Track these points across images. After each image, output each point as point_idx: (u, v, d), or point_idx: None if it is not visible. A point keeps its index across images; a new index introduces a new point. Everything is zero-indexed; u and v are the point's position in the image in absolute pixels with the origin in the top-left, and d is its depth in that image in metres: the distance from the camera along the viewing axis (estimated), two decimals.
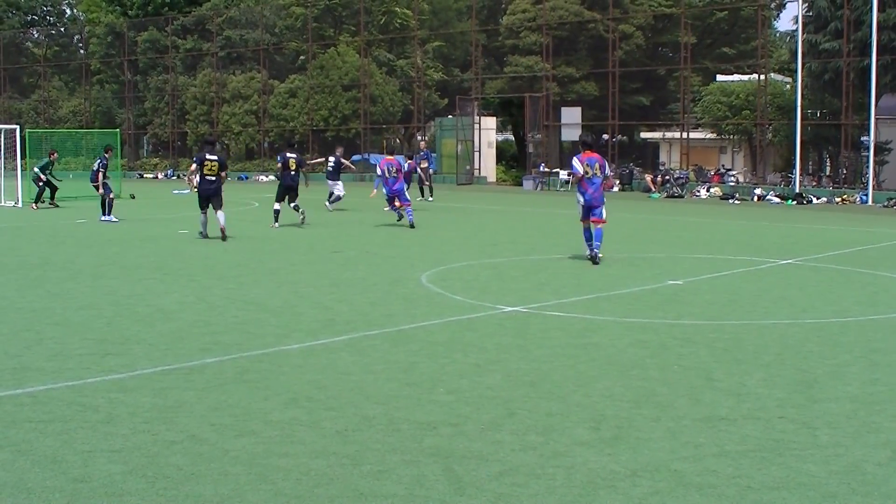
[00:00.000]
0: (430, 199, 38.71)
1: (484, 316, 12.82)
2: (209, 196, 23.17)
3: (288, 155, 27.73)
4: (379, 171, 27.14)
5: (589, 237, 18.79)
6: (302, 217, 26.56)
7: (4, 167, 40.06)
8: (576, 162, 18.70)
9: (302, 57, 68.31)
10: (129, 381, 9.20)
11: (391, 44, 66.75)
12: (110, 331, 11.69)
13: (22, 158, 40.13)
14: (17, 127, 41.64)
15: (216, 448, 7.16)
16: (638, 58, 58.91)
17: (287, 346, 10.72)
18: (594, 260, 18.45)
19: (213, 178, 23.20)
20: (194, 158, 24.46)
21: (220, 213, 22.89)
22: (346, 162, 36.02)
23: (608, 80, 53.39)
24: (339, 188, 33.89)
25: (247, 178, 64.31)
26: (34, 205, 33.50)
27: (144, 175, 68.95)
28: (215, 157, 23.31)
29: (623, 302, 14.13)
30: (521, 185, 52.87)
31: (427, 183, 39.59)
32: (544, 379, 9.33)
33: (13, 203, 35.89)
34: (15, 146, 40.33)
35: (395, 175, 26.56)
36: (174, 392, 8.74)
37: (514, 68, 58.66)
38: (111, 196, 29.32)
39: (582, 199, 18.55)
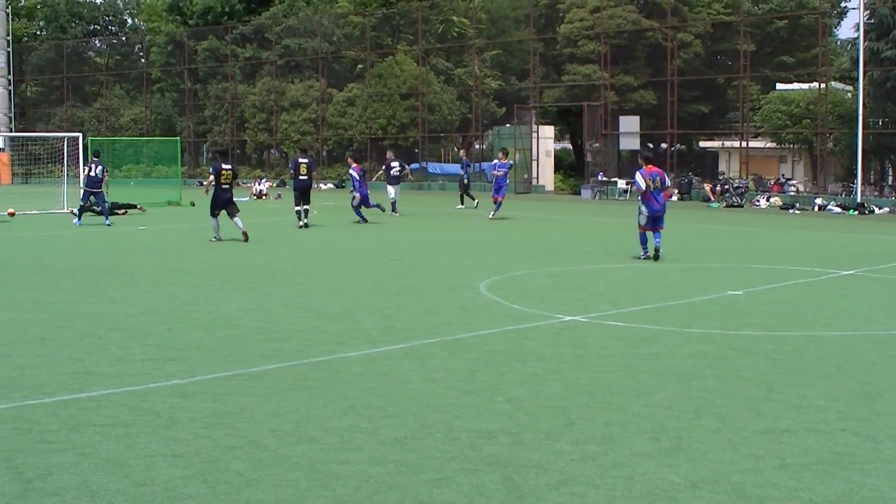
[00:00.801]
0: (474, 205, 39.24)
1: (542, 325, 12.80)
2: (224, 204, 24.27)
3: (300, 160, 29.70)
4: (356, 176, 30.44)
5: (645, 240, 20.04)
6: (305, 221, 28.55)
7: (67, 175, 40.58)
8: (639, 177, 19.77)
9: (360, 65, 68.53)
10: (190, 386, 9.28)
11: (449, 52, 66.83)
12: (171, 337, 11.81)
13: (84, 166, 40.51)
14: (80, 135, 42.10)
15: (276, 454, 7.20)
16: (696, 66, 58.52)
17: (346, 354, 10.76)
18: (657, 254, 19.82)
19: (228, 187, 24.43)
20: (210, 169, 25.38)
21: (237, 219, 24.21)
22: (407, 169, 36.28)
23: (666, 89, 53.17)
24: (393, 192, 34.32)
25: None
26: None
27: (204, 182, 69.31)
28: (230, 167, 24.60)
29: (682, 312, 14.05)
30: (578, 194, 52.76)
31: (462, 192, 40.60)
32: (603, 389, 9.30)
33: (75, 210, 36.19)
34: (77, 154, 40.78)
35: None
36: (234, 398, 8.80)
37: (571, 77, 58.50)
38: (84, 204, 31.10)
39: (646, 211, 19.64)
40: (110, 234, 26.36)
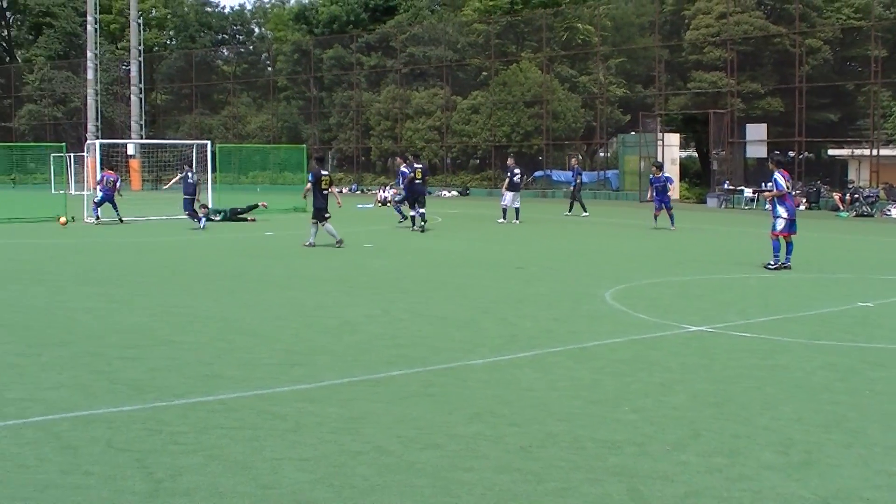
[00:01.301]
0: (585, 214, 39.33)
1: (668, 335, 12.67)
2: (326, 208, 24.74)
3: (416, 166, 30.92)
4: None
5: (779, 247, 20.01)
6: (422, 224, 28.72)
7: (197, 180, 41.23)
8: (780, 178, 19.91)
9: (484, 73, 68.68)
10: (316, 391, 9.37)
11: (573, 60, 66.59)
12: (298, 341, 11.94)
13: (212, 172, 41.26)
14: (209, 142, 42.84)
15: (401, 460, 7.23)
16: (825, 72, 57.43)
17: (471, 361, 10.77)
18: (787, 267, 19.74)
19: (327, 192, 24.99)
20: (309, 176, 25.64)
21: (328, 226, 24.60)
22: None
23: (794, 96, 52.30)
24: (508, 199, 34.39)
25: (429, 192, 64.75)
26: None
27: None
28: (327, 172, 25.19)
29: (811, 323, 13.79)
30: (704, 202, 52.15)
31: (572, 199, 40.83)
32: (730, 400, 9.17)
33: (200, 225, 36.80)
34: (206, 160, 41.52)
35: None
36: (360, 403, 8.87)
37: (697, 84, 57.84)
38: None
39: (787, 214, 19.79)
40: (238, 240, 26.73)
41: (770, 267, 20.00)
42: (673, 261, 22.24)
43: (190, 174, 32.93)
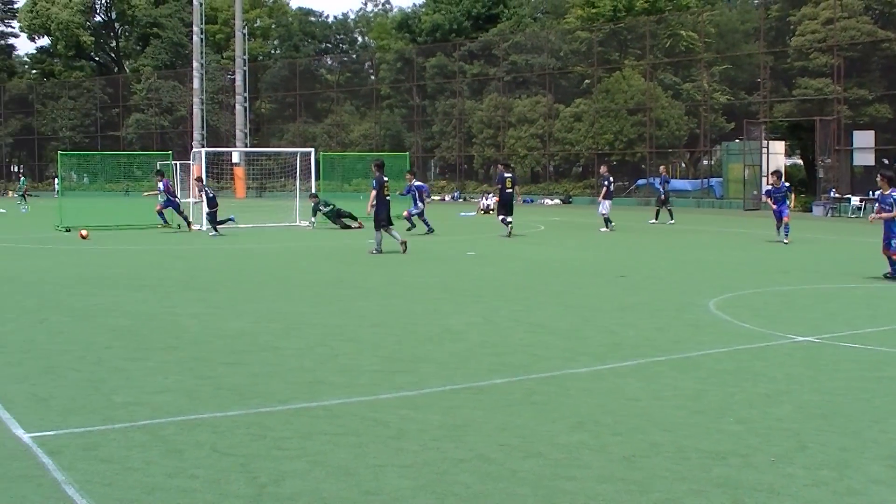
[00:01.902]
0: (671, 221, 39.25)
1: (773, 345, 12.47)
2: (388, 215, 25.18)
3: (505, 175, 31.65)
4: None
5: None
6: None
7: (300, 188, 41.68)
8: None
9: (587, 81, 68.45)
10: (419, 398, 9.39)
11: (677, 67, 66.08)
12: (400, 348, 11.97)
13: (316, 180, 41.61)
14: (312, 150, 43.22)
15: (503, 468, 7.20)
16: None
17: (574, 370, 10.71)
18: None
19: (389, 199, 25.52)
20: (373, 183, 25.86)
21: (394, 230, 25.36)
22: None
23: None
24: (606, 207, 34.37)
25: (532, 200, 64.84)
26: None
27: (432, 197, 70.36)
28: (387, 179, 25.55)
29: None
30: (810, 210, 51.38)
31: (659, 206, 40.65)
32: (837, 412, 9.00)
33: (308, 223, 37.17)
34: (310, 168, 41.89)
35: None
36: (462, 411, 8.86)
37: (802, 91, 56.99)
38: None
39: None
40: (337, 248, 26.91)
41: (890, 276, 19.62)
42: (778, 270, 21.92)
43: (207, 189, 33.40)
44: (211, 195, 32.88)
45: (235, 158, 72.22)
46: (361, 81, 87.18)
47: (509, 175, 32.17)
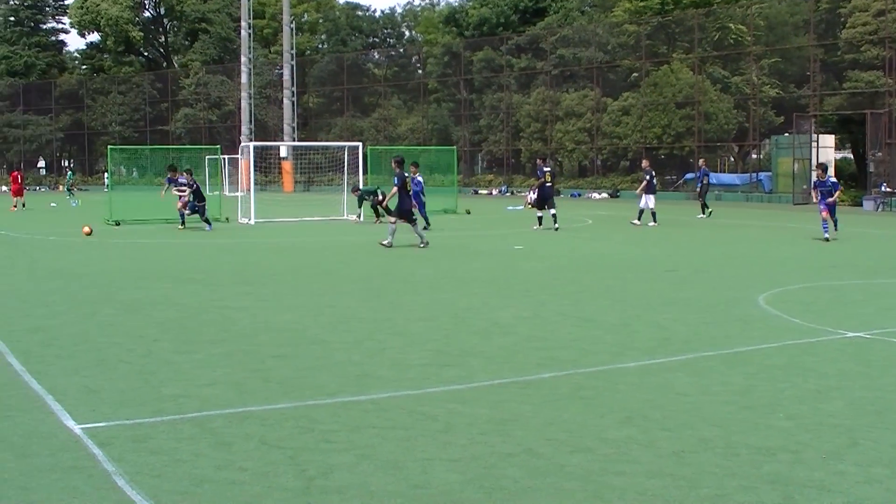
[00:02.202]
0: (701, 216, 39.30)
1: (824, 340, 12.36)
2: (411, 210, 25.76)
3: (545, 169, 32.11)
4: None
5: None
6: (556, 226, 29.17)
7: (347, 182, 41.77)
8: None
9: (635, 74, 68.18)
10: (467, 392, 9.38)
11: (725, 60, 65.65)
12: (448, 342, 11.97)
13: (363, 174, 41.67)
14: (360, 144, 43.30)
15: (552, 463, 7.18)
16: None
17: (622, 364, 10.66)
18: None
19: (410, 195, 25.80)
20: (394, 180, 26.15)
21: (418, 228, 25.93)
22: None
23: None
24: (652, 201, 34.27)
25: (579, 195, 64.69)
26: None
27: (479, 191, 70.39)
28: (407, 175, 25.99)
29: None
30: (860, 205, 50.90)
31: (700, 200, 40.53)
32: (889, 408, 8.89)
33: (355, 217, 37.24)
34: (357, 162, 41.98)
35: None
36: (510, 405, 8.84)
37: (853, 84, 56.44)
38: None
39: None
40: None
41: None
42: (828, 265, 21.75)
43: (194, 183, 33.06)
44: (195, 187, 32.69)
45: (283, 153, 72.53)
46: (409, 76, 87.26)
47: (548, 169, 32.35)
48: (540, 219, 31.82)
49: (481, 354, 11.18)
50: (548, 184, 32.08)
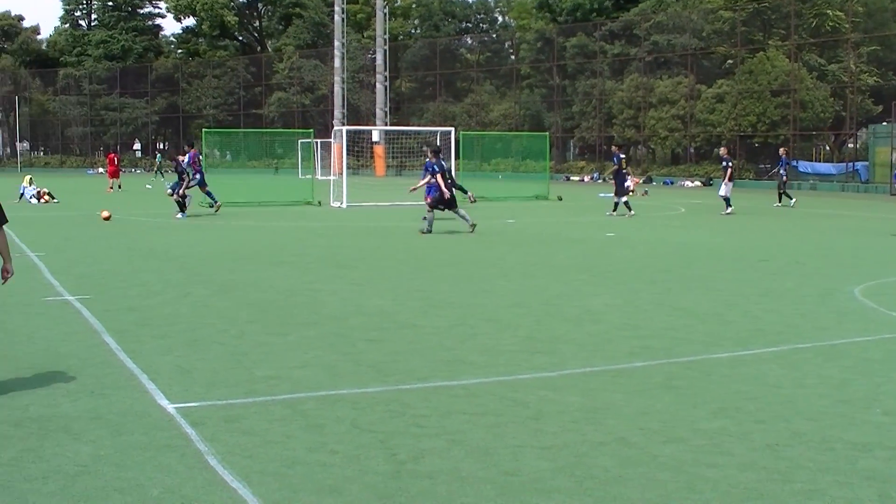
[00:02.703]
0: (778, 204, 39.13)
1: None
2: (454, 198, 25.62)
3: (621, 155, 32.68)
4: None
5: None
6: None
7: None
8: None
9: (730, 61, 67.41)
10: (558, 379, 9.33)
11: (822, 47, 64.64)
12: (539, 329, 11.93)
13: (455, 159, 41.68)
14: (452, 129, 43.32)
15: (644, 452, 7.12)
16: None
17: (715, 355, 10.54)
18: None
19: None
20: (433, 168, 25.58)
21: (461, 211, 25.82)
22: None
23: None
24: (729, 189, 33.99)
25: (671, 182, 64.22)
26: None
27: (571, 178, 70.16)
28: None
29: None
30: None
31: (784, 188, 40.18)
32: None
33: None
34: (449, 147, 41.99)
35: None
36: (602, 393, 8.78)
37: None
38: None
39: None
40: (478, 227, 26.90)
41: None
42: None
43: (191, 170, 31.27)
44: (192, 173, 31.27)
45: (375, 137, 72.79)
46: (501, 61, 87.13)
47: (623, 156, 33.01)
48: (626, 204, 31.70)
49: (573, 341, 11.13)
50: (623, 170, 32.66)
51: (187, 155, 31.61)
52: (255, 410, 8.14)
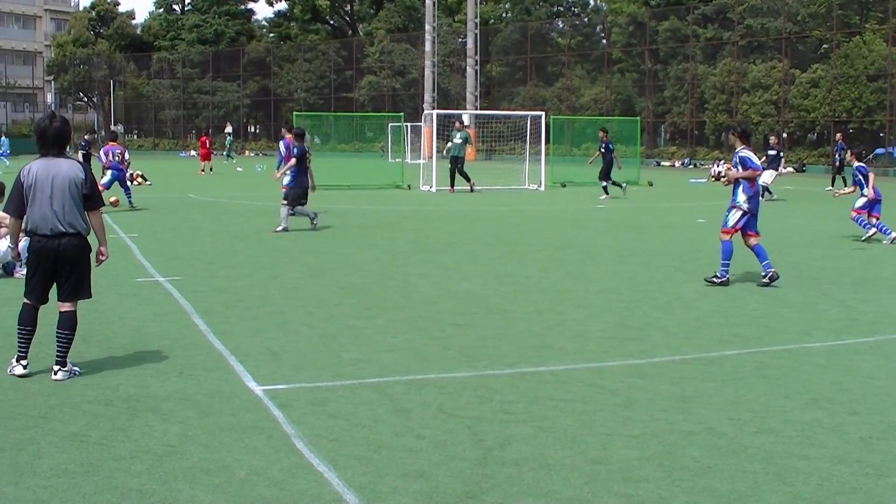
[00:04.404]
0: (829, 189, 38.53)
1: None
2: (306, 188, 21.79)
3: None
4: None
5: (731, 254, 14.84)
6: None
7: (529, 152, 41.68)
8: (751, 154, 14.68)
9: (825, 45, 66.34)
10: (648, 367, 9.25)
11: None
12: (629, 316, 11.84)
13: (546, 143, 41.50)
14: (542, 113, 43.13)
15: (734, 443, 7.03)
16: None
17: (808, 344, 10.38)
18: (772, 280, 14.42)
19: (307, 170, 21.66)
20: (295, 151, 22.18)
21: (300, 209, 21.70)
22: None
23: None
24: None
25: (764, 168, 63.36)
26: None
27: (661, 163, 69.57)
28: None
29: None
30: None
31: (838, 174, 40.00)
32: None
33: (536, 186, 37.19)
34: (540, 131, 41.86)
35: None
36: (692, 382, 8.68)
37: None
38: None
39: (748, 206, 14.68)
40: (562, 212, 26.78)
41: (714, 281, 14.51)
42: None
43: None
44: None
45: (466, 121, 72.76)
46: (593, 45, 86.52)
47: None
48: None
49: (663, 329, 11.03)
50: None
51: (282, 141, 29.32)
52: (342, 394, 8.16)
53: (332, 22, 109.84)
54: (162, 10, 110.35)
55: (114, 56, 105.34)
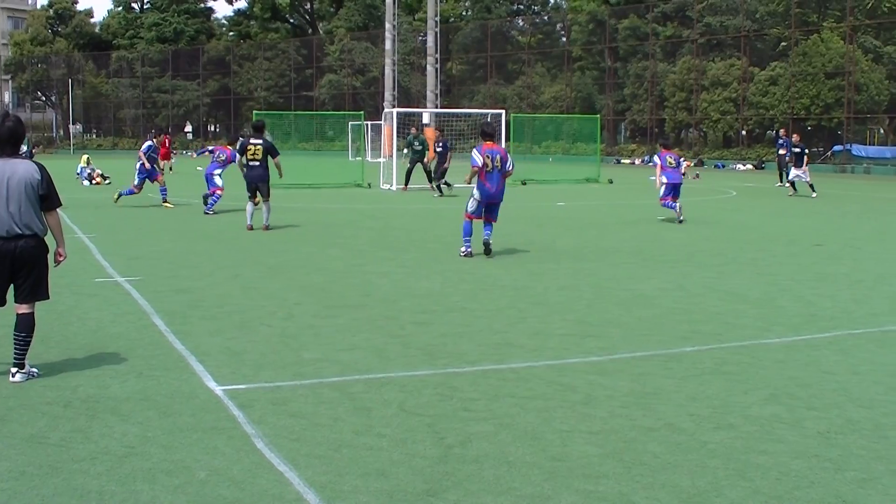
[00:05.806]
0: (779, 184, 39.48)
1: None
2: (256, 183, 21.69)
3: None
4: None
5: (469, 232, 17.15)
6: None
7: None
8: (476, 154, 16.78)
9: (784, 43, 66.74)
10: (608, 364, 9.27)
11: (878, 29, 63.88)
12: (590, 313, 11.87)
13: (506, 141, 41.58)
14: (503, 112, 43.18)
15: (693, 439, 7.06)
16: None
17: (767, 340, 10.43)
18: (487, 248, 16.98)
19: (258, 164, 21.60)
20: (237, 146, 22.79)
21: (266, 204, 21.70)
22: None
23: None
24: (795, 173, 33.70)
25: (723, 166, 63.84)
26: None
27: (622, 160, 69.79)
28: (260, 142, 21.63)
29: None
30: None
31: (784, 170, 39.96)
32: None
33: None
34: (500, 130, 41.90)
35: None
36: (652, 378, 8.71)
37: None
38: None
39: (479, 196, 16.92)
40: (525, 210, 26.80)
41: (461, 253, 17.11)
42: None
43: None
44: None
45: (426, 119, 72.69)
46: (553, 43, 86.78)
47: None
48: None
49: (623, 326, 11.06)
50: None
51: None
52: (302, 393, 8.14)
53: (292, 20, 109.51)
54: (121, 8, 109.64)
55: (72, 55, 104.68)
